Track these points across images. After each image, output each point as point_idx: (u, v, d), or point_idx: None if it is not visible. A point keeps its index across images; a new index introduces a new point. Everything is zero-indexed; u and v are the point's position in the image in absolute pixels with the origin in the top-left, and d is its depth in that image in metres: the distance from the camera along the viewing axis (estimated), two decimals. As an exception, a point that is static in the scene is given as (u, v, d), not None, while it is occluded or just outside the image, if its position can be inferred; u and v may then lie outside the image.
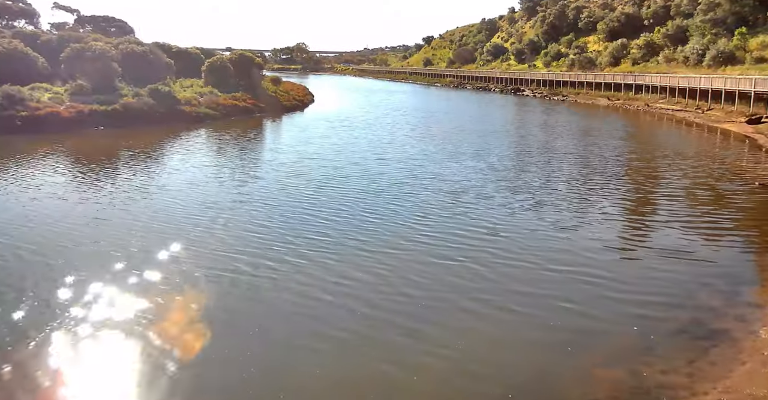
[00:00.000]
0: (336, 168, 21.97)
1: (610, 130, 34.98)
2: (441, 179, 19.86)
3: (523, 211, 15.87)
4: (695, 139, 32.06)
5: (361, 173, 20.93)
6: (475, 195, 17.50)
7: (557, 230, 14.07)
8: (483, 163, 23.07)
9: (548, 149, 27.17)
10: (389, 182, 19.39)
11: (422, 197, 17.21)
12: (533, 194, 17.72)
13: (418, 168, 21.94)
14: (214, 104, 42.47)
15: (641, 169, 22.23)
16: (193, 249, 12.52)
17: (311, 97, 59.21)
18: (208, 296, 10.25)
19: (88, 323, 9.12)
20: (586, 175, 20.84)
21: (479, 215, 15.35)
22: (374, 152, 25.82)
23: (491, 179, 19.89)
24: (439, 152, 25.85)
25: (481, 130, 34.29)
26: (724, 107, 40.62)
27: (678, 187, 18.91)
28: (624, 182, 19.88)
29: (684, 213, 15.81)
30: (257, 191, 18.09)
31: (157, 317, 9.40)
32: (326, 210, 15.82)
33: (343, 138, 30.75)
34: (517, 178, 20.07)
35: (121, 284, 10.65)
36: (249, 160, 23.87)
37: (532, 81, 73.74)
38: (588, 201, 17.10)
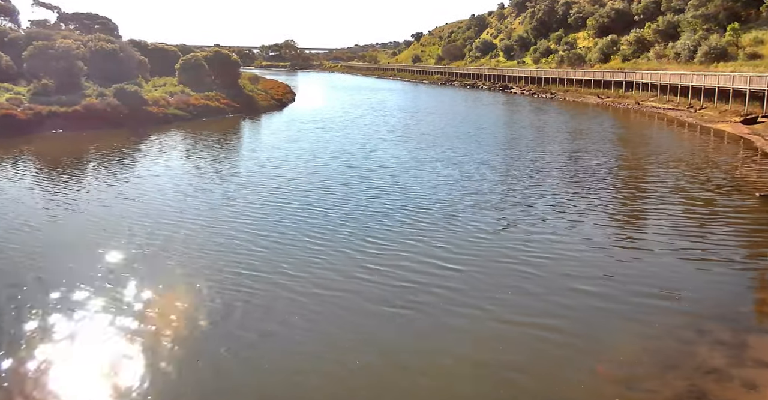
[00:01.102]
0: (293, 178, 19.66)
1: (600, 131, 32.77)
2: (406, 193, 17.59)
3: (490, 235, 13.61)
4: (688, 141, 29.90)
5: (319, 185, 18.63)
6: (439, 213, 15.22)
7: (527, 264, 11.82)
8: (458, 171, 20.80)
9: (532, 156, 24.91)
10: (347, 196, 17.11)
11: (378, 217, 14.93)
12: (505, 214, 15.44)
13: (385, 178, 19.66)
14: (184, 104, 40.03)
15: (631, 180, 20.00)
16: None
17: (291, 96, 56.76)
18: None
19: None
20: (570, 190, 18.58)
21: (438, 240, 13.07)
22: (342, 159, 23.52)
23: (462, 192, 17.62)
24: (413, 159, 23.57)
25: (464, 133, 32.01)
26: (718, 106, 38.50)
27: (671, 203, 16.68)
28: (612, 198, 17.63)
29: (677, 236, 13.60)
30: (193, 208, 15.78)
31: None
32: (261, 233, 13.52)
33: (313, 142, 28.43)
34: (492, 191, 17.81)
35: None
36: (200, 170, 21.52)
37: (520, 78, 71.48)
38: (569, 222, 14.85)
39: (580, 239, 13.17)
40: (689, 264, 11.76)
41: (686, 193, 17.62)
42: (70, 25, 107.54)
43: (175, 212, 15.44)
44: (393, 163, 22.38)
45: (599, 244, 12.91)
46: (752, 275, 11.53)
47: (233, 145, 27.68)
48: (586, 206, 15.94)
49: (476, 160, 22.91)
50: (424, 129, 33.48)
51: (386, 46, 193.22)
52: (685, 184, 18.72)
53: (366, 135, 30.88)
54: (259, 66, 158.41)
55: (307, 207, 15.88)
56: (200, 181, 19.30)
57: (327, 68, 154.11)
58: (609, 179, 19.71)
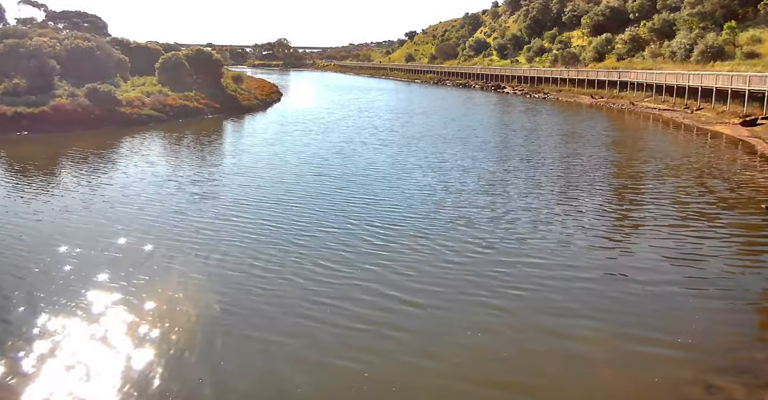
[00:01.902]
0: (255, 189, 17.82)
1: (593, 134, 30.97)
2: (376, 206, 15.77)
3: (462, 258, 11.80)
4: (686, 145, 28.13)
5: (281, 197, 16.80)
6: (408, 231, 13.39)
7: (501, 296, 10.03)
8: (438, 180, 18.99)
9: (520, 162, 23.09)
10: (309, 210, 15.28)
11: (339, 235, 13.10)
12: (482, 232, 13.63)
13: (356, 189, 17.84)
14: (161, 105, 38.10)
15: (625, 192, 18.19)
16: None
17: (277, 96, 54.82)
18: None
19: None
20: (558, 203, 16.77)
21: (401, 265, 11.27)
22: (314, 165, 21.68)
23: (439, 205, 15.81)
24: (392, 165, 21.75)
25: (450, 136, 30.19)
26: (715, 107, 36.75)
27: (669, 220, 14.88)
28: (604, 213, 15.80)
29: (676, 262, 11.82)
30: (134, 223, 13.94)
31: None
32: (200, 255, 11.70)
33: (289, 146, 26.57)
34: (472, 204, 15.99)
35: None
36: (157, 177, 19.66)
37: (513, 77, 69.65)
38: (554, 244, 13.05)
39: (564, 265, 11.36)
40: (692, 298, 9.96)
41: (685, 206, 15.83)
42: (59, 23, 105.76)
43: (110, 230, 13.60)
44: (368, 171, 20.54)
45: (586, 273, 11.11)
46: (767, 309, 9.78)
47: (202, 150, 25.81)
48: (573, 224, 14.13)
49: (459, 167, 21.10)
50: (410, 132, 31.65)
51: (381, 45, 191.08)
52: (684, 197, 16.92)
53: (347, 138, 29.03)
54: (251, 65, 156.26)
55: (261, 223, 14.06)
56: (155, 191, 17.47)
57: (320, 67, 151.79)
58: (601, 190, 17.91)
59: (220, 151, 25.53)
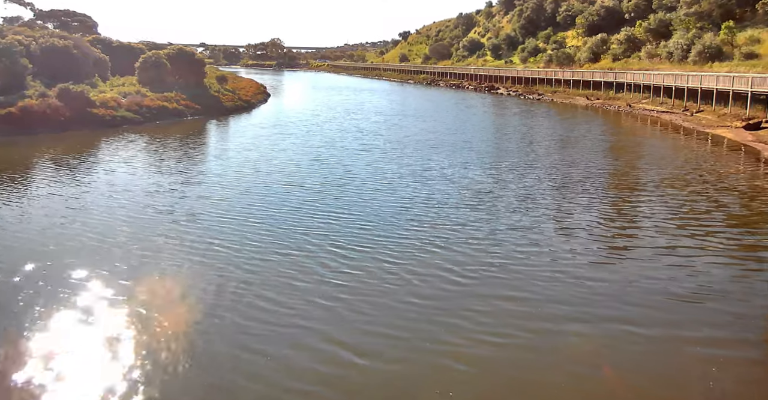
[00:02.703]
0: (215, 201, 15.89)
1: (590, 139, 29.09)
2: (343, 224, 13.85)
3: (424, 300, 9.92)
4: (688, 151, 26.30)
5: (239, 211, 14.87)
6: (370, 260, 11.48)
7: (468, 362, 8.17)
8: (418, 192, 17.11)
9: (510, 171, 21.19)
10: (265, 229, 13.38)
11: (293, 260, 11.20)
12: (455, 260, 11.77)
13: (326, 202, 15.92)
14: (137, 106, 36.12)
15: (623, 208, 16.32)
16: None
17: (263, 97, 52.83)
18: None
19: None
20: (548, 221, 14.90)
21: (355, 312, 9.37)
22: (286, 174, 19.77)
23: (414, 222, 13.92)
24: (372, 174, 19.82)
25: (438, 141, 28.29)
26: (716, 109, 34.97)
27: (672, 248, 13.05)
28: (598, 237, 13.94)
29: (681, 308, 9.97)
30: (75, 237, 12.03)
31: None
32: (124, 278, 9.81)
33: (264, 151, 24.64)
34: (451, 221, 14.09)
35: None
36: (113, 187, 17.74)
37: (507, 78, 67.80)
38: (538, 279, 11.19)
39: (554, 301, 9.49)
40: (703, 362, 8.10)
41: (694, 225, 13.95)
42: (48, 22, 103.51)
43: (40, 249, 11.68)
44: (344, 180, 18.63)
45: (582, 315, 9.25)
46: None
47: (169, 156, 23.85)
48: (565, 249, 12.22)
49: (444, 177, 19.20)
50: (396, 136, 29.74)
51: (376, 46, 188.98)
52: (690, 217, 15.01)
53: (328, 142, 27.12)
54: (245, 65, 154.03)
55: (208, 243, 12.15)
56: (104, 203, 15.55)
57: (313, 67, 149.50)
58: (598, 205, 16.03)
59: (188, 157, 23.59)
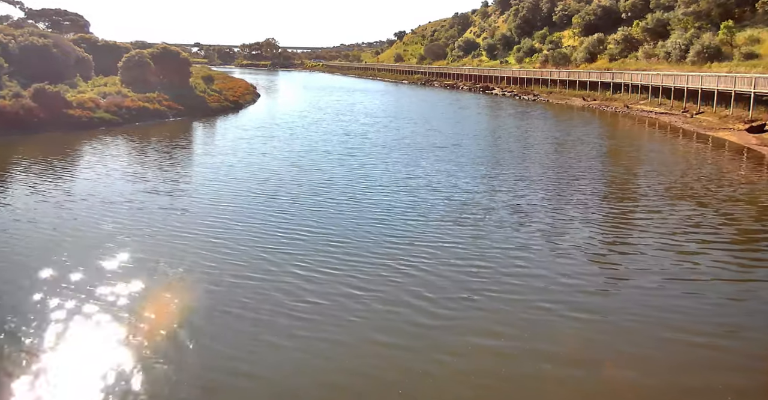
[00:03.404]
0: (177, 213, 14.20)
1: (587, 143, 27.49)
2: (310, 244, 12.24)
3: (384, 351, 8.32)
4: (690, 156, 24.75)
5: (202, 223, 13.24)
6: (335, 289, 9.92)
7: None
8: (399, 203, 15.50)
9: (500, 178, 19.59)
10: (228, 248, 11.75)
11: (235, 292, 9.63)
12: (429, 292, 10.17)
13: (298, 215, 14.30)
14: (116, 107, 34.42)
15: (620, 224, 14.74)
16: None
17: (252, 97, 51.10)
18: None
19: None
20: (537, 238, 13.30)
21: (299, 356, 7.80)
22: (260, 181, 18.12)
23: (389, 243, 12.31)
24: (352, 182, 18.19)
25: (429, 144, 26.65)
26: (717, 110, 33.47)
27: (680, 274, 11.48)
28: (590, 264, 12.39)
29: (703, 339, 8.41)
30: (16, 253, 10.42)
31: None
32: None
33: (242, 156, 22.94)
34: (431, 241, 12.47)
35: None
36: (70, 195, 16.09)
37: (502, 78, 66.23)
38: (520, 326, 9.60)
39: (535, 356, 7.89)
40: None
41: (700, 251, 12.36)
42: (39, 22, 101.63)
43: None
44: (321, 189, 16.99)
45: (564, 368, 7.67)
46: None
47: (140, 160, 22.18)
48: (555, 274, 10.64)
49: (430, 186, 17.57)
50: (384, 139, 28.11)
51: (372, 46, 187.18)
52: (697, 234, 13.43)
53: (311, 146, 25.48)
54: (239, 65, 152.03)
55: (153, 262, 10.54)
56: (54, 214, 13.90)
57: (308, 67, 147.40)
58: (594, 221, 14.41)
59: (158, 162, 21.91)
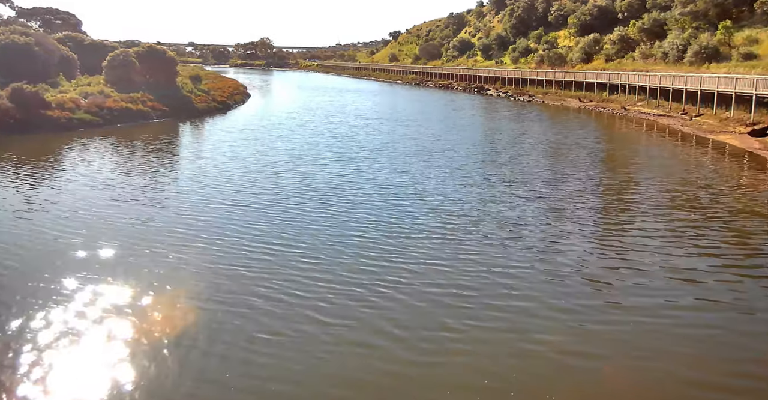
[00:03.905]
0: (137, 228, 12.94)
1: (586, 148, 26.24)
2: (273, 266, 10.99)
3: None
4: (691, 161, 23.53)
5: (167, 239, 11.98)
6: (292, 320, 8.64)
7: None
8: (379, 215, 14.23)
9: (496, 190, 18.37)
10: (193, 265, 10.48)
11: (201, 315, 8.36)
12: (402, 334, 8.92)
13: (266, 229, 13.02)
14: (98, 108, 33.03)
15: (618, 242, 13.50)
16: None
17: (241, 98, 49.69)
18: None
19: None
20: (537, 263, 12.06)
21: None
22: (234, 188, 16.83)
23: (362, 267, 11.04)
24: (331, 191, 16.93)
25: (419, 149, 25.38)
26: (717, 113, 32.29)
27: (685, 301, 10.25)
28: (597, 283, 11.16)
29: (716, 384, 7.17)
30: None
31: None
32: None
33: (221, 161, 21.58)
34: (408, 264, 11.23)
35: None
36: (28, 202, 14.79)
37: (497, 79, 64.99)
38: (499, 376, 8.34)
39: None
40: None
41: (709, 272, 11.13)
42: (31, 21, 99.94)
43: None
44: (298, 199, 15.69)
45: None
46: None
47: (112, 164, 20.82)
48: (548, 297, 9.41)
49: (416, 195, 16.29)
50: (373, 143, 26.80)
51: (368, 46, 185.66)
52: (705, 252, 12.20)
53: (295, 150, 24.15)
54: (234, 64, 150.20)
55: (91, 280, 9.24)
56: (13, 223, 12.60)
57: (303, 67, 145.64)
58: (591, 237, 13.16)
59: (131, 166, 20.56)
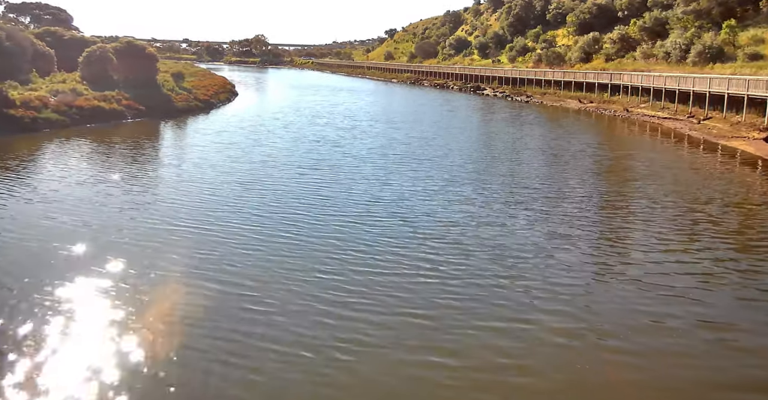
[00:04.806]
0: (34, 268, 10.61)
1: (589, 154, 23.93)
2: (228, 297, 8.67)
3: None
4: (705, 171, 21.20)
5: (104, 261, 9.65)
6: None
7: None
8: (352, 240, 11.89)
9: (487, 208, 16.03)
10: (122, 299, 8.15)
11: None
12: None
13: (224, 251, 10.69)
14: (67, 106, 30.55)
15: (634, 278, 11.20)
16: None
17: (227, 96, 47.09)
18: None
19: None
20: (528, 312, 9.75)
21: None
22: (193, 205, 14.46)
23: (319, 309, 8.73)
24: (301, 209, 14.60)
25: (406, 156, 22.99)
26: (727, 116, 29.98)
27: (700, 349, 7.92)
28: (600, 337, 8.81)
29: None
30: None
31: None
32: None
33: (186, 169, 19.11)
34: (384, 295, 8.91)
35: None
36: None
37: (494, 78, 62.54)
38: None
39: None
40: None
41: (723, 307, 8.83)
42: (20, 16, 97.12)
43: None
44: (261, 219, 13.31)
45: None
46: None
47: (55, 174, 18.37)
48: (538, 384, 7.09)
49: (396, 213, 13.94)
50: (359, 148, 24.35)
51: (365, 44, 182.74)
52: (727, 290, 9.94)
53: (271, 157, 21.61)
54: (228, 62, 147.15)
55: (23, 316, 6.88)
56: None
57: (297, 65, 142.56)
58: (592, 276, 10.88)
59: (80, 176, 18.08)
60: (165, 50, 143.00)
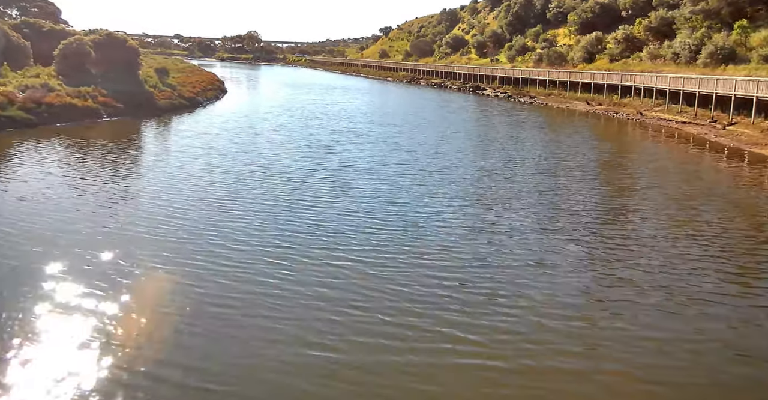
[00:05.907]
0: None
1: (615, 166, 21.03)
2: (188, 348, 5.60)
3: None
4: (743, 186, 18.33)
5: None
6: None
7: None
8: (329, 279, 8.93)
9: (484, 235, 12.99)
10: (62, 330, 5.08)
11: None
12: None
13: (185, 295, 7.67)
14: (35, 103, 27.21)
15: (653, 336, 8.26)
16: None
17: (215, 94, 43.70)
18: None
19: None
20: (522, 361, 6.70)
21: None
22: (152, 226, 11.39)
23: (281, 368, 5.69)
24: (277, 225, 11.58)
25: (406, 164, 19.94)
26: (756, 122, 27.18)
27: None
28: None
29: None
30: None
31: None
32: None
33: (156, 180, 15.95)
34: (355, 348, 5.90)
35: None
36: None
37: (494, 78, 59.50)
38: None
39: None
40: None
41: None
42: (8, 9, 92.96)
43: None
44: (232, 251, 10.21)
45: None
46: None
47: (15, 183, 15.17)
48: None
49: (378, 243, 10.90)
50: (355, 156, 21.14)
51: (358, 42, 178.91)
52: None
53: (255, 165, 18.44)
54: (220, 58, 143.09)
55: None
56: None
57: (291, 62, 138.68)
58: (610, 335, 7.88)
59: (41, 186, 14.87)
60: (156, 46, 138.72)
